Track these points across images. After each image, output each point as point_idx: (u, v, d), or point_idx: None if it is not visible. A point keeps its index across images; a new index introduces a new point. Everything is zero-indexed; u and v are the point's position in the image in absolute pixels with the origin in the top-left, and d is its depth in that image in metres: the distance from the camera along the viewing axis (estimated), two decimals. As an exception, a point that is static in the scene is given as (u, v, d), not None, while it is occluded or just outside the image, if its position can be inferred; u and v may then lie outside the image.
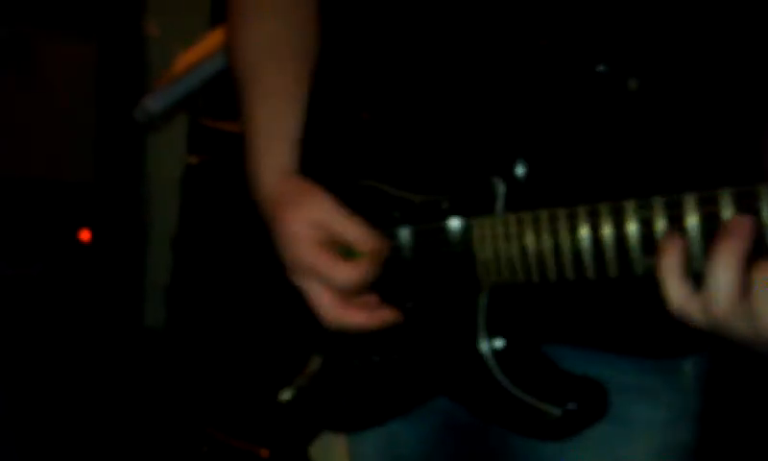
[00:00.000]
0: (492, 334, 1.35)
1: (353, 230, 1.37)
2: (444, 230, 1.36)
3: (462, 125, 1.37)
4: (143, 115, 2.19)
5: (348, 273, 1.36)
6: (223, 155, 2.99)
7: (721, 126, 1.33)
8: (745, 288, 1.05)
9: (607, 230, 1.18)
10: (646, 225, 1.14)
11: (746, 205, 1.07)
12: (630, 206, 1.15)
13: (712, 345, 1.44)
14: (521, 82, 1.31)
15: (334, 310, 1.39)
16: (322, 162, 1.47)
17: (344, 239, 1.38)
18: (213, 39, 2.24)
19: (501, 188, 1.31)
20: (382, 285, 1.41)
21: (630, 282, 1.24)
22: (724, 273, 1.05)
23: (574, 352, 1.38)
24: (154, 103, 2.19)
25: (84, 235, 3.36)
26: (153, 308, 3.56)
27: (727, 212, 1.08)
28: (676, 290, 1.10)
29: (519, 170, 1.30)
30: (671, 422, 1.42)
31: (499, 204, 1.31)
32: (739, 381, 2.37)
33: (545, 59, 1.29)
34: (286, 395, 1.56)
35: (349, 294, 1.39)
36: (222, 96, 3.15)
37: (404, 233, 1.40)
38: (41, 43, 3.25)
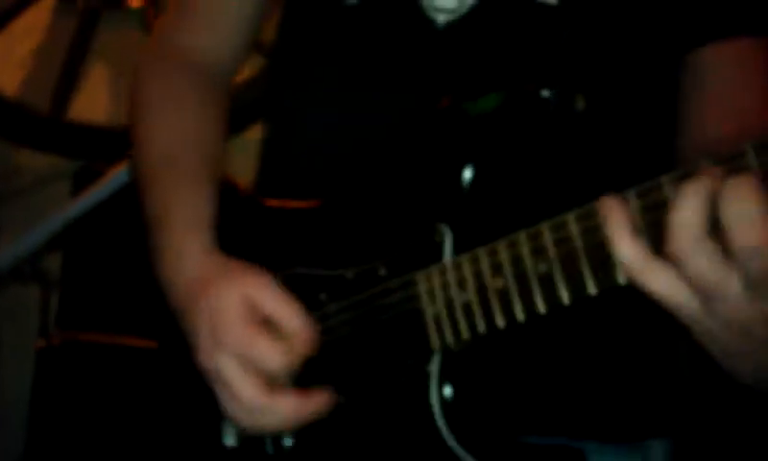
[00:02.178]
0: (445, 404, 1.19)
1: (288, 312, 1.24)
2: (381, 294, 1.22)
3: (390, 182, 1.28)
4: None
5: (281, 355, 1.22)
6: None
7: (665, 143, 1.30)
8: (712, 226, 0.94)
9: (578, 242, 1.05)
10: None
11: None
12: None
13: (676, 428, 1.34)
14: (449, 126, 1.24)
15: (260, 396, 1.20)
16: (240, 256, 1.34)
17: (274, 317, 1.24)
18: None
19: (447, 233, 1.19)
20: (306, 379, 1.24)
21: (593, 360, 1.20)
22: (688, 207, 0.94)
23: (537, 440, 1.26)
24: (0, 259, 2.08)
25: None
26: None
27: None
28: (628, 249, 0.97)
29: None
30: None
31: (447, 250, 1.18)
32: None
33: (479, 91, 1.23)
34: None
35: (275, 381, 1.23)
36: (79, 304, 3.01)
37: (334, 312, 1.25)
38: None
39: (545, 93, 1.19)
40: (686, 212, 0.94)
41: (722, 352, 1.01)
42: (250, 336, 1.22)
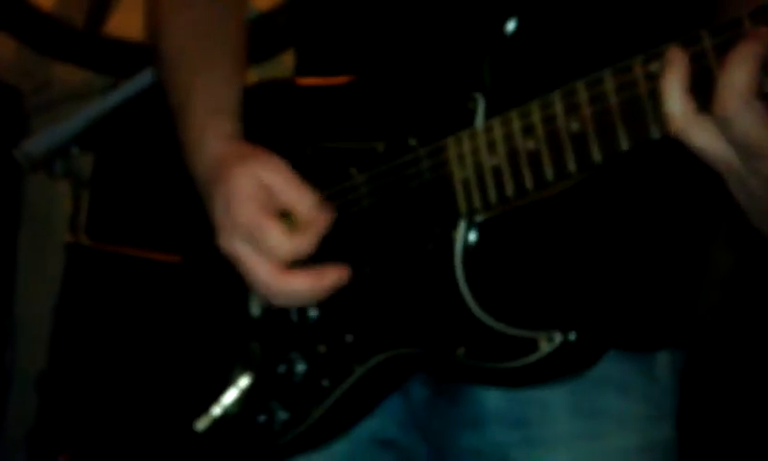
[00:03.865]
0: (469, 264, 1.20)
1: (299, 197, 1.25)
2: (410, 163, 1.22)
3: (426, 50, 1.27)
4: (23, 157, 2.09)
5: (288, 242, 1.24)
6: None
7: None
8: (758, 89, 0.95)
9: (613, 98, 1.05)
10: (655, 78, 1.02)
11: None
12: (637, 61, 1.04)
13: (687, 339, 1.34)
14: None
15: (275, 278, 1.23)
16: (266, 135, 1.36)
17: (288, 205, 1.27)
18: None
19: (480, 100, 1.18)
20: (332, 251, 1.27)
21: (608, 266, 1.20)
22: (738, 69, 0.94)
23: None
24: (34, 145, 2.09)
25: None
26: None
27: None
28: (678, 104, 0.98)
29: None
30: (651, 418, 1.29)
31: (480, 117, 1.18)
32: (716, 381, 2.25)
33: None
34: (203, 423, 1.36)
35: (287, 263, 1.28)
36: (107, 215, 3.03)
37: (362, 182, 1.27)
38: None
39: None
40: (734, 73, 0.95)
41: (758, 209, 1.02)
42: (260, 221, 1.24)
